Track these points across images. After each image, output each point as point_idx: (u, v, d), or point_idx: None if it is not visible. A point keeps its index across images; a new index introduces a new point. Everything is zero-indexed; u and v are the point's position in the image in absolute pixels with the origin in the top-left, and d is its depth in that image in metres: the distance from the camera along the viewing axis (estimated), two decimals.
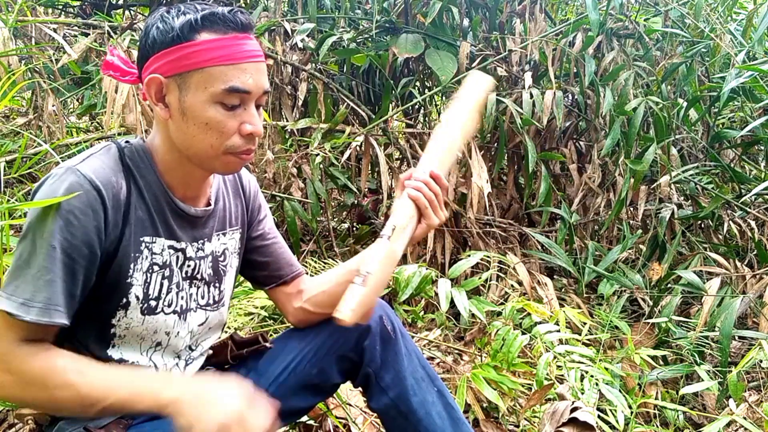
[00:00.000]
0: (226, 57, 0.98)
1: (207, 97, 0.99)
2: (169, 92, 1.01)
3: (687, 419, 1.98)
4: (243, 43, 1.00)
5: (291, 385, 1.19)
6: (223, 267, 1.21)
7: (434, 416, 1.18)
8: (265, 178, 2.62)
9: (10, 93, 2.05)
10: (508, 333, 1.85)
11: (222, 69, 0.98)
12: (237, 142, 1.02)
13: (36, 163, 2.41)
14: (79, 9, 3.76)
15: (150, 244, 1.06)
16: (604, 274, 2.71)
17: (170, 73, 1.00)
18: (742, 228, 2.91)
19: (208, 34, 0.98)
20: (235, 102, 1.00)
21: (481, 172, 2.58)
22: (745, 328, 2.56)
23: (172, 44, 0.99)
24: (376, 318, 1.19)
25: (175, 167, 1.07)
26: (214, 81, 0.98)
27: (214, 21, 0.98)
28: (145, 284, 1.06)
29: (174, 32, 0.98)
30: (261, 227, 1.28)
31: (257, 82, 1.01)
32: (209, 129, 1.00)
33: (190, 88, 0.99)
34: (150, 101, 1.03)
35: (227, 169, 1.07)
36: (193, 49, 0.98)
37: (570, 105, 3.19)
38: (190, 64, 0.98)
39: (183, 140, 1.03)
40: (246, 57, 1.00)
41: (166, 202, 1.08)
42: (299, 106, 2.98)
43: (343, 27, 3.27)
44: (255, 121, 1.03)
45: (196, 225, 1.13)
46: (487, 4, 3.27)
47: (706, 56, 3.19)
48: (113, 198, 0.98)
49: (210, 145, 1.01)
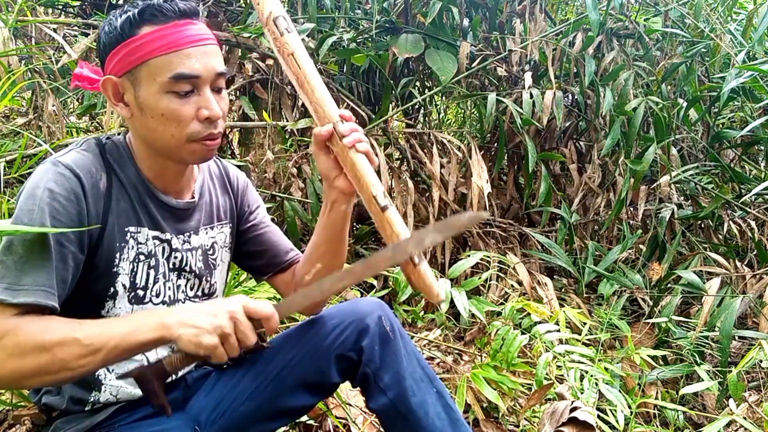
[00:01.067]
0: (167, 45, 0.99)
1: (157, 89, 1.00)
2: (125, 91, 1.03)
3: (687, 419, 1.98)
4: (184, 29, 1.01)
5: (290, 385, 1.19)
6: (213, 260, 1.23)
7: (433, 417, 1.18)
8: (265, 178, 2.62)
9: (10, 93, 2.05)
10: (508, 333, 1.85)
11: (166, 58, 0.99)
12: (196, 128, 1.03)
13: (36, 163, 2.41)
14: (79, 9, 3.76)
15: (135, 234, 1.08)
16: (604, 274, 2.71)
17: (121, 72, 1.02)
18: (742, 228, 2.91)
19: (148, 27, 1.00)
20: (186, 88, 1.01)
21: (481, 172, 2.58)
22: (745, 328, 2.55)
23: (117, 43, 1.01)
24: (375, 318, 1.19)
25: (150, 161, 1.09)
26: (160, 71, 1.00)
27: (152, 13, 1.00)
28: (132, 273, 1.08)
29: (116, 31, 1.01)
30: (252, 218, 1.30)
31: (205, 65, 1.02)
32: (166, 120, 1.02)
33: (141, 83, 1.01)
34: (110, 103, 1.05)
35: (195, 157, 1.08)
36: (136, 44, 1.00)
37: (570, 105, 3.19)
38: (135, 59, 1.00)
39: (146, 135, 1.05)
40: (188, 42, 1.01)
41: (148, 195, 1.10)
42: (299, 106, 2.98)
43: (343, 27, 3.26)
44: (211, 105, 1.03)
45: (180, 217, 1.15)
46: (487, 4, 3.27)
47: (706, 56, 3.19)
48: (93, 187, 1.01)
49: (171, 135, 1.03)
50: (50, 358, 0.90)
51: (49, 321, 0.94)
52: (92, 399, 1.10)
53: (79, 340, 0.91)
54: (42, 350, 0.90)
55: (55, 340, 0.91)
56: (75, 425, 1.10)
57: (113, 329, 0.93)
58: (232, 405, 1.17)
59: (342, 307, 1.23)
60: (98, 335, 0.92)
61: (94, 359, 0.92)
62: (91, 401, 1.10)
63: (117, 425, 1.11)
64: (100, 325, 0.95)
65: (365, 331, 1.18)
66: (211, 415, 1.16)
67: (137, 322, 0.94)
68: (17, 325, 0.91)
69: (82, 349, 0.91)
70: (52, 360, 0.90)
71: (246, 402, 1.18)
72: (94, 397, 1.10)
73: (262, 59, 2.87)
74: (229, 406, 1.17)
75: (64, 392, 1.10)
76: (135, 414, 1.13)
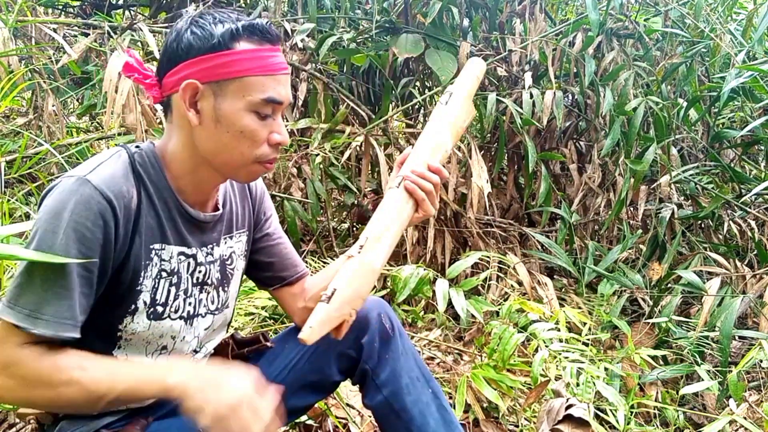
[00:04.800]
0: (264, 68, 1.00)
1: (244, 106, 1.00)
2: (203, 98, 1.00)
3: (687, 419, 1.98)
4: (276, 54, 1.03)
5: (291, 384, 1.19)
6: (230, 270, 1.21)
7: (427, 417, 1.18)
8: (265, 178, 2.62)
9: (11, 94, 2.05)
10: (505, 332, 1.85)
11: (260, 79, 1.00)
12: (266, 150, 1.04)
13: (36, 163, 2.41)
14: (79, 9, 3.76)
15: (159, 251, 1.06)
16: (604, 274, 2.71)
17: (207, 79, 0.99)
18: (742, 228, 2.91)
19: (246, 43, 1.00)
20: (268, 112, 1.02)
21: (481, 172, 2.58)
22: (745, 328, 2.55)
23: (211, 51, 0.99)
24: (375, 316, 1.20)
25: (189, 173, 1.07)
26: (252, 90, 0.99)
27: (253, 32, 1.00)
28: (153, 290, 1.06)
29: (215, 39, 0.98)
30: (266, 228, 1.29)
31: (288, 93, 1.04)
32: (243, 137, 1.01)
33: (227, 96, 1.00)
34: (184, 105, 1.01)
35: (250, 178, 1.09)
36: (232, 57, 0.98)
37: (570, 105, 3.19)
38: (229, 72, 0.99)
39: (212, 147, 1.03)
40: (280, 69, 1.03)
41: (176, 208, 1.07)
42: (299, 106, 2.98)
43: (343, 27, 3.26)
44: (283, 131, 1.05)
45: (205, 230, 1.13)
46: (487, 4, 3.27)
47: (706, 56, 3.19)
48: (124, 209, 0.98)
49: (241, 153, 1.02)
50: (55, 395, 0.93)
51: (59, 358, 0.94)
52: None
53: (84, 385, 0.93)
54: (48, 387, 0.93)
55: (63, 381, 0.93)
56: (80, 426, 1.09)
57: (118, 380, 0.95)
58: None
59: None
60: (102, 383, 0.94)
61: (96, 405, 0.95)
62: None
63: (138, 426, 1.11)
64: (107, 372, 0.96)
65: (365, 329, 1.18)
66: None
67: (143, 377, 0.96)
68: (28, 356, 0.93)
69: (86, 394, 0.94)
70: (57, 397, 0.94)
71: None
72: None
73: None
74: None
75: None
76: (141, 417, 1.13)
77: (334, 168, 2.90)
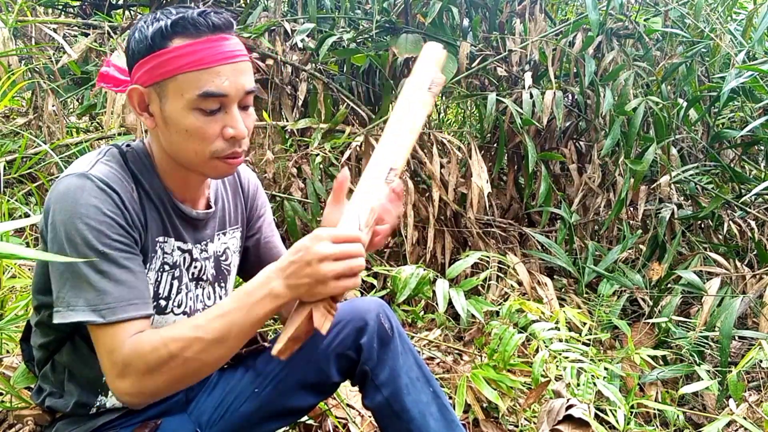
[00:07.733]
0: (197, 62, 0.96)
1: (184, 105, 0.97)
2: (150, 102, 1.01)
3: (687, 419, 1.98)
4: (217, 44, 0.98)
5: (290, 385, 1.19)
6: (227, 266, 1.21)
7: (427, 417, 1.17)
8: (265, 178, 2.62)
9: (10, 93, 2.05)
10: (505, 332, 1.84)
11: (195, 74, 0.96)
12: (220, 146, 1.00)
13: (36, 163, 2.41)
14: (79, 9, 3.76)
15: (162, 244, 1.07)
16: (604, 274, 2.71)
17: (149, 82, 0.99)
18: (742, 228, 2.91)
19: (180, 39, 0.96)
20: (213, 106, 0.98)
21: (481, 172, 2.58)
22: (745, 328, 2.55)
23: (147, 53, 0.98)
24: (374, 316, 1.19)
25: (172, 171, 1.07)
26: (188, 88, 0.96)
27: (184, 26, 0.96)
28: (156, 283, 1.07)
29: (147, 41, 0.97)
30: (259, 224, 1.29)
31: (234, 83, 0.99)
32: (190, 136, 0.99)
33: (168, 97, 0.98)
34: (134, 112, 1.02)
35: (218, 174, 1.06)
36: (165, 57, 0.96)
37: (570, 105, 3.19)
38: (164, 73, 0.97)
39: (170, 148, 1.03)
40: (220, 59, 0.97)
41: (170, 204, 1.08)
42: (299, 106, 2.98)
43: (343, 27, 3.27)
44: (237, 124, 1.00)
45: (197, 227, 1.14)
46: (487, 4, 3.27)
47: (706, 56, 3.19)
48: (129, 200, 0.99)
49: (194, 151, 1.01)
50: (182, 364, 0.92)
51: (161, 332, 0.94)
52: (98, 403, 1.10)
53: (201, 338, 0.92)
54: (174, 359, 0.92)
55: (180, 346, 0.92)
56: (77, 427, 1.10)
57: (228, 316, 0.93)
58: (233, 406, 1.17)
59: (341, 306, 1.23)
60: (219, 327, 0.92)
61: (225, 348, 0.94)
62: (97, 405, 1.10)
63: (119, 427, 1.11)
64: (212, 319, 0.94)
65: (364, 329, 1.18)
66: (212, 416, 1.16)
67: (247, 301, 0.93)
68: (135, 347, 0.92)
69: (211, 346, 0.92)
70: (184, 365, 0.92)
71: (246, 402, 1.18)
72: (101, 401, 1.10)
73: (262, 59, 2.87)
74: (230, 407, 1.17)
75: (68, 396, 1.09)
76: (138, 417, 1.13)
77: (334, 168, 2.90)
